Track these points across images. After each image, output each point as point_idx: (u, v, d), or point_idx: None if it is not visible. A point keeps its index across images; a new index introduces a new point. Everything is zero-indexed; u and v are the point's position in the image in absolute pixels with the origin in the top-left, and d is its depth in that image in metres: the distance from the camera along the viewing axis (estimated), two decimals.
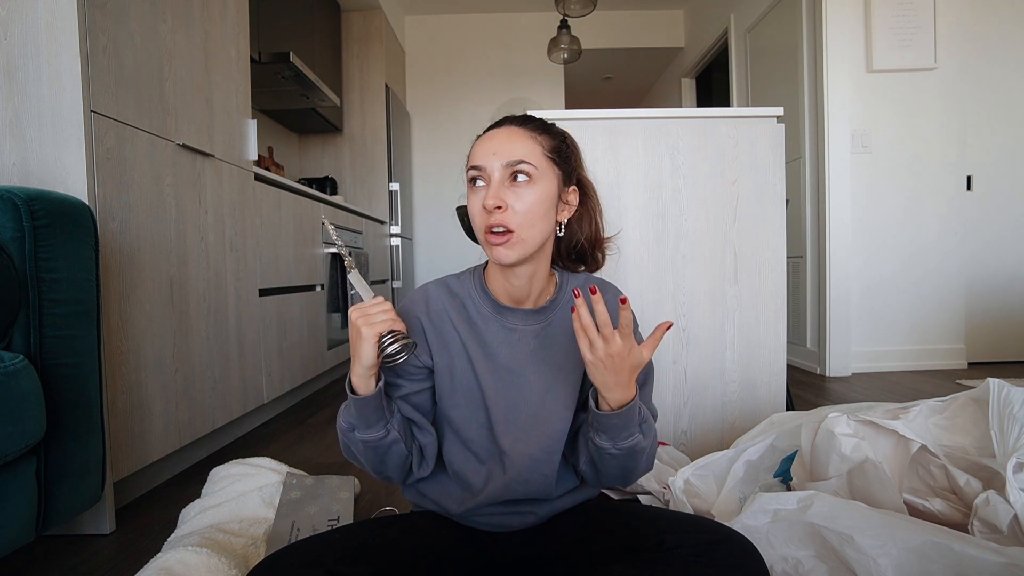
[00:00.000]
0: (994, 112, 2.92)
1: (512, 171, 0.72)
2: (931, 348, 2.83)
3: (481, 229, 0.72)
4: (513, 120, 0.78)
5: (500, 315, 0.79)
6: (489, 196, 0.70)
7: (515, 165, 0.72)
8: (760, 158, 1.46)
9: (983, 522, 0.75)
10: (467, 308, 0.79)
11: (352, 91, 3.77)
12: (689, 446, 1.48)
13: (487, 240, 0.72)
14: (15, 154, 1.13)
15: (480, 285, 0.81)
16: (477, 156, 0.74)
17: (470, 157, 0.76)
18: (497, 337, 0.78)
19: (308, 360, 2.36)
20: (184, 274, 1.49)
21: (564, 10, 3.36)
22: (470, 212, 0.74)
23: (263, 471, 1.25)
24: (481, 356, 0.77)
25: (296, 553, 0.66)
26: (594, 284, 0.84)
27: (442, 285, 0.81)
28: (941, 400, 0.97)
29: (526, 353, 0.77)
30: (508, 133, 0.75)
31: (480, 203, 0.72)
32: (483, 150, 0.74)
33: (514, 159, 0.72)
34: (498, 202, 0.70)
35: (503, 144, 0.73)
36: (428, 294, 0.80)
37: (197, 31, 1.60)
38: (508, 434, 0.76)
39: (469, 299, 0.80)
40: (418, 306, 0.79)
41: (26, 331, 0.91)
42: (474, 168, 0.74)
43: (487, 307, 0.79)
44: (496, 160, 0.72)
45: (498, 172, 0.72)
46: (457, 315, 0.78)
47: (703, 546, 0.64)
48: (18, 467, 0.85)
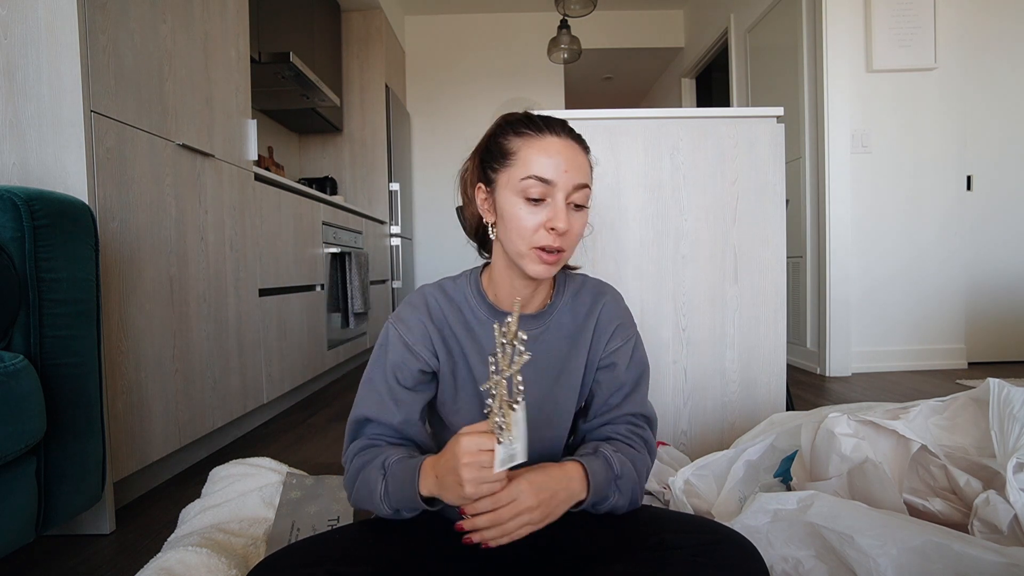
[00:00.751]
0: (994, 112, 2.92)
1: (576, 194, 0.70)
2: (931, 348, 2.83)
3: (531, 244, 0.70)
4: (568, 130, 0.74)
5: (497, 320, 0.77)
6: (561, 219, 0.68)
7: (580, 188, 0.70)
8: (760, 158, 1.46)
9: (983, 522, 0.75)
10: (464, 313, 0.78)
11: (352, 91, 3.77)
12: (689, 446, 1.48)
13: (536, 257, 0.70)
14: (15, 154, 1.13)
15: (477, 290, 0.79)
16: (544, 167, 0.69)
17: (524, 161, 0.70)
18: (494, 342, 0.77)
19: (308, 360, 2.36)
20: (184, 274, 1.49)
21: (564, 10, 3.36)
22: (518, 223, 0.70)
23: (263, 471, 1.25)
24: (480, 362, 0.76)
25: (296, 553, 0.66)
26: (592, 289, 0.84)
27: (438, 289, 0.80)
28: (941, 400, 0.97)
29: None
30: (572, 149, 0.71)
31: (539, 221, 0.69)
32: (551, 163, 0.69)
33: (581, 181, 0.70)
34: (568, 227, 0.69)
35: (571, 161, 0.70)
36: (426, 298, 0.78)
37: (197, 31, 1.60)
38: None
39: (466, 304, 0.78)
40: (419, 310, 0.77)
41: (26, 331, 0.91)
42: (538, 179, 0.69)
43: (484, 312, 0.78)
44: (567, 179, 0.69)
45: (564, 192, 0.69)
46: (455, 320, 0.77)
47: (703, 546, 0.64)
48: (18, 467, 0.85)
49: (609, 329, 0.80)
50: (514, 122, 0.74)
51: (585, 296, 0.82)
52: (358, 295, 2.74)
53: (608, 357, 0.80)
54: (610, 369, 0.80)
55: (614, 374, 0.80)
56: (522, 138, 0.72)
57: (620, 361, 0.80)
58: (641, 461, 0.76)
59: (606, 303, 0.82)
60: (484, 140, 0.78)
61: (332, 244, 2.66)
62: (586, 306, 0.81)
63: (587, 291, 0.83)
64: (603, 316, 0.81)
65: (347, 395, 2.53)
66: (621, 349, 0.80)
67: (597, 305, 0.81)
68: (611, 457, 0.71)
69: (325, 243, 2.57)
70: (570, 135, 0.73)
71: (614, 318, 0.81)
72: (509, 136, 0.73)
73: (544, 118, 0.74)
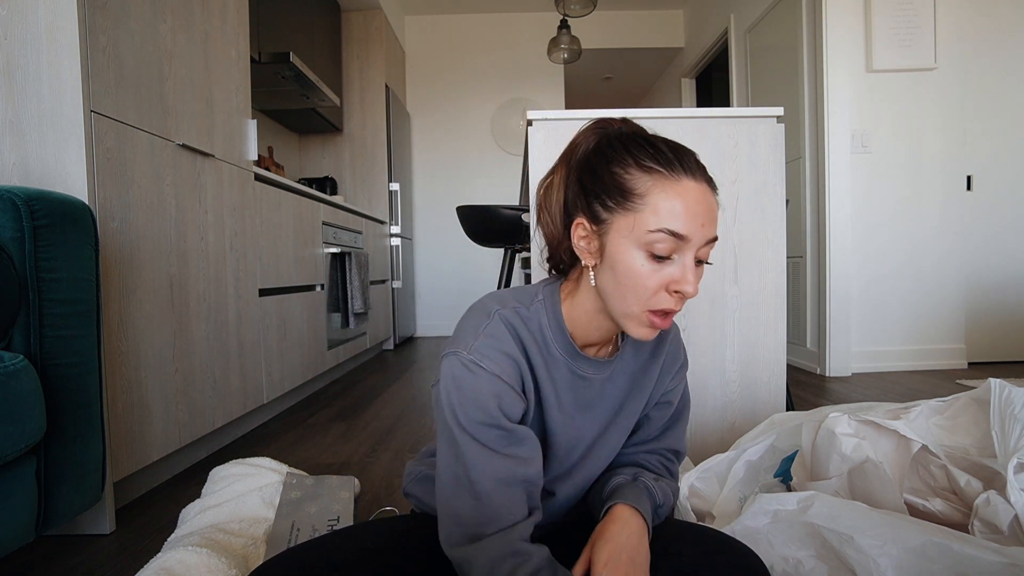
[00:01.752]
0: (994, 112, 2.92)
1: (706, 248, 0.60)
2: (931, 348, 2.83)
3: (647, 307, 0.60)
4: (702, 169, 0.61)
5: (573, 360, 0.69)
6: (690, 282, 0.58)
7: (710, 243, 0.60)
8: (760, 158, 1.46)
9: (984, 522, 0.75)
10: (540, 346, 0.67)
11: (352, 91, 3.77)
12: (689, 446, 1.48)
13: (649, 321, 0.61)
14: (15, 154, 1.13)
15: (557, 323, 0.68)
16: (681, 220, 0.57)
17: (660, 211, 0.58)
18: (565, 382, 0.69)
19: (308, 360, 2.36)
20: (184, 274, 1.49)
21: (564, 10, 3.36)
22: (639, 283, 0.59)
23: (263, 471, 1.25)
24: (554, 404, 0.69)
25: (294, 559, 0.65)
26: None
27: (516, 317, 0.66)
28: (942, 400, 0.97)
29: (590, 399, 0.72)
30: (709, 196, 0.60)
31: (663, 281, 0.59)
32: (691, 215, 0.58)
33: (712, 236, 0.60)
34: (696, 291, 0.59)
35: (709, 213, 0.59)
36: (508, 327, 0.65)
37: (197, 31, 1.60)
38: (553, 474, 0.74)
39: (541, 336, 0.67)
40: (505, 342, 0.63)
41: (26, 331, 0.91)
42: (673, 235, 0.57)
43: (561, 349, 0.68)
44: (703, 234, 0.59)
45: (695, 248, 0.59)
46: (535, 354, 0.67)
47: (705, 556, 0.64)
48: (18, 467, 0.85)
49: (674, 368, 0.78)
50: (636, 149, 0.61)
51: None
52: (358, 295, 2.74)
53: (666, 396, 0.78)
54: (665, 407, 0.79)
55: (666, 411, 0.79)
56: (651, 176, 0.59)
57: (674, 400, 0.79)
58: (674, 487, 0.76)
59: (671, 341, 0.78)
60: (585, 157, 0.65)
61: (332, 244, 2.66)
62: (650, 344, 0.75)
63: None
64: (668, 357, 0.77)
65: (347, 395, 2.53)
66: (679, 387, 0.79)
67: (663, 344, 0.76)
68: (653, 489, 0.70)
69: (325, 243, 2.57)
70: (704, 175, 0.61)
71: (677, 358, 0.79)
72: (631, 169, 0.60)
73: (674, 149, 0.61)
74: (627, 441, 0.79)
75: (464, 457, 0.60)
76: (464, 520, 0.60)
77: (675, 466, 0.80)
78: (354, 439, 1.83)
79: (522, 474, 0.61)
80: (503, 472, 0.60)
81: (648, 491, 0.69)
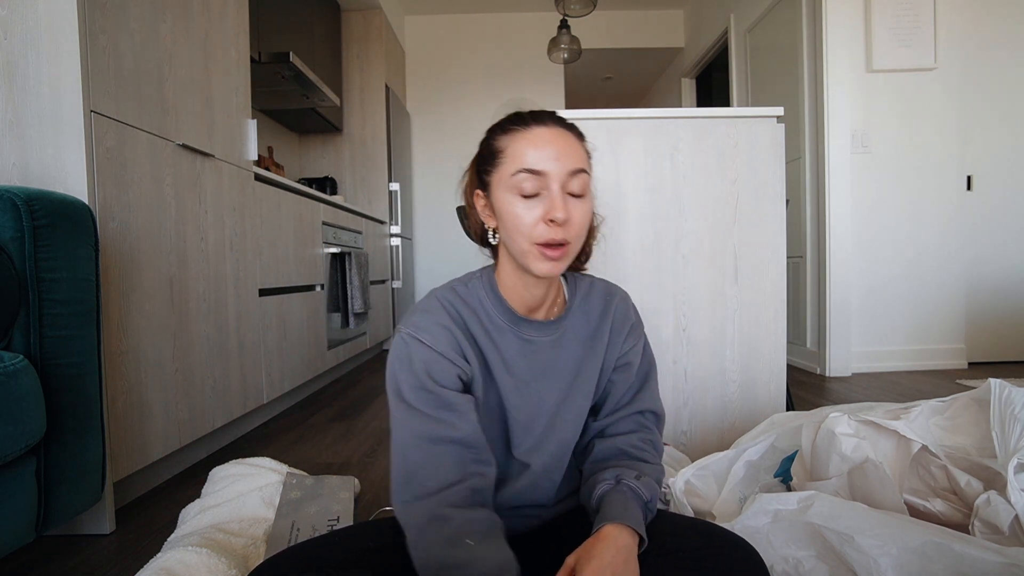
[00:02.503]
0: (994, 112, 2.92)
1: (572, 181, 0.67)
2: (931, 348, 2.83)
3: (532, 240, 0.66)
4: (556, 119, 0.70)
5: (516, 326, 0.74)
6: (559, 209, 0.65)
7: (576, 174, 0.67)
8: (760, 158, 1.46)
9: (984, 523, 0.75)
10: (480, 318, 0.73)
11: (352, 91, 3.77)
12: (689, 446, 1.48)
13: (540, 253, 0.66)
14: (15, 154, 1.13)
15: (493, 293, 0.75)
16: (531, 158, 0.66)
17: (513, 156, 0.68)
18: (512, 348, 0.74)
19: (308, 360, 2.36)
20: (184, 274, 1.49)
21: (564, 10, 3.35)
22: (516, 220, 0.67)
23: (263, 471, 1.25)
24: (503, 370, 0.73)
25: (294, 558, 0.65)
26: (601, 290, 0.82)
27: (452, 292, 0.74)
28: (942, 400, 0.97)
29: (542, 364, 0.75)
30: (562, 136, 0.68)
31: (537, 214, 0.66)
32: (542, 154, 0.66)
33: (576, 167, 0.67)
34: (567, 215, 0.65)
35: (563, 148, 0.67)
36: (441, 302, 0.72)
37: (197, 31, 1.60)
38: (523, 445, 0.75)
39: (482, 308, 0.74)
40: (435, 314, 0.70)
41: (26, 331, 0.91)
42: (530, 172, 0.66)
43: (502, 317, 0.74)
44: (560, 167, 0.66)
45: (559, 181, 0.66)
46: (474, 324, 0.72)
47: (704, 550, 0.64)
48: (18, 467, 0.85)
49: (624, 330, 0.79)
50: (502, 122, 0.72)
51: (596, 298, 0.81)
52: (358, 295, 2.73)
53: (623, 357, 0.79)
54: (625, 369, 0.79)
55: (627, 373, 0.79)
56: (509, 135, 0.70)
57: (634, 360, 0.79)
58: (658, 472, 0.75)
59: (618, 304, 0.81)
60: (479, 148, 0.76)
61: (332, 244, 2.66)
62: (598, 308, 0.79)
63: (597, 292, 0.81)
64: (617, 317, 0.79)
65: (347, 395, 2.53)
66: (635, 348, 0.80)
67: (610, 306, 0.80)
68: (639, 488, 0.69)
69: (325, 243, 2.57)
70: (559, 123, 0.70)
71: (627, 318, 0.80)
72: (497, 136, 0.71)
73: (533, 112, 0.71)
74: (602, 411, 0.80)
75: (398, 421, 0.67)
76: (399, 483, 0.65)
77: (653, 433, 0.79)
78: (354, 439, 1.83)
79: (448, 435, 0.65)
80: (431, 434, 0.65)
81: (633, 492, 0.68)
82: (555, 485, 0.77)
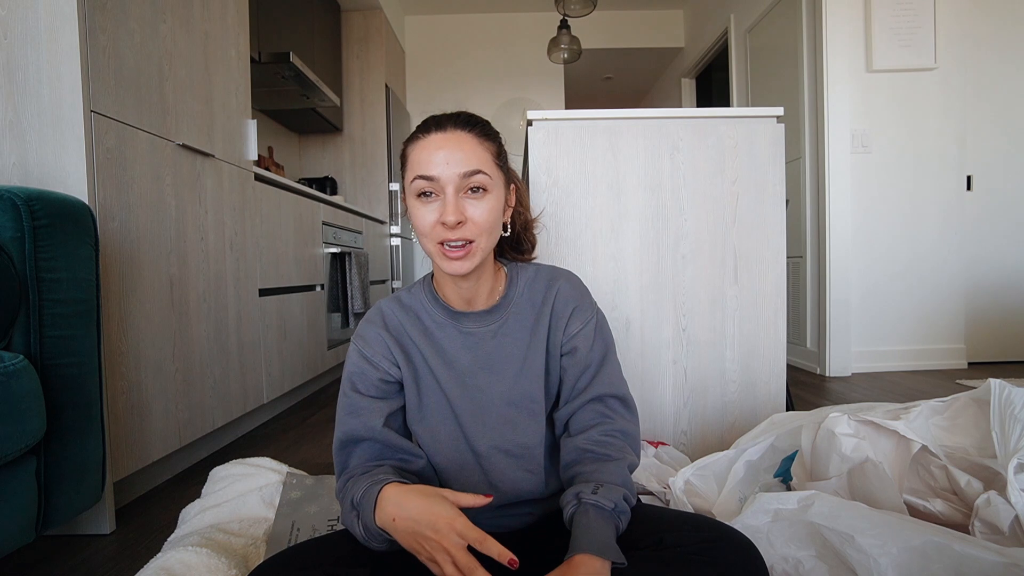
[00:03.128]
0: (994, 112, 2.92)
1: (468, 182, 0.69)
2: (931, 348, 2.83)
3: (434, 242, 0.70)
4: (457, 122, 0.72)
5: (455, 321, 0.78)
6: (449, 212, 0.67)
7: (472, 176, 0.68)
8: (760, 158, 1.46)
9: (984, 523, 0.75)
10: (421, 319, 0.79)
11: (352, 91, 3.77)
12: (689, 446, 1.48)
13: (443, 253, 0.69)
14: (15, 154, 1.13)
15: (431, 294, 0.80)
16: (424, 164, 0.69)
17: (412, 164, 0.71)
18: (455, 343, 0.77)
19: (308, 360, 2.36)
20: (184, 274, 1.49)
21: (564, 10, 3.36)
22: (418, 224, 0.71)
23: (263, 471, 1.25)
24: (442, 365, 0.77)
25: (294, 556, 0.66)
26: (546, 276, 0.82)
27: (394, 301, 0.81)
28: (942, 400, 0.97)
29: (486, 355, 0.77)
30: (457, 139, 0.70)
31: (434, 218, 0.69)
32: (433, 159, 0.69)
33: (470, 168, 0.68)
34: (459, 217, 0.67)
35: (454, 152, 0.69)
36: (382, 311, 0.79)
37: (197, 31, 1.60)
38: (481, 439, 0.76)
39: (423, 309, 0.79)
40: (375, 323, 0.78)
41: (26, 331, 0.91)
42: (423, 178, 0.69)
43: (441, 315, 0.78)
44: (450, 170, 0.68)
45: (453, 184, 0.68)
46: (413, 327, 0.78)
47: (702, 544, 0.64)
48: (18, 467, 0.85)
49: (566, 313, 0.79)
50: (414, 131, 0.74)
51: (539, 284, 0.81)
52: (358, 295, 2.73)
53: (570, 342, 0.78)
54: (573, 354, 0.78)
55: (577, 358, 0.78)
56: (412, 143, 0.73)
57: (582, 344, 0.78)
58: (620, 467, 0.71)
59: (560, 287, 0.80)
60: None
61: (332, 244, 2.66)
62: (540, 293, 0.80)
63: (540, 278, 0.82)
64: (558, 301, 0.79)
65: None
66: (582, 332, 0.79)
67: (551, 291, 0.80)
68: (599, 502, 0.65)
69: (325, 243, 2.57)
70: (461, 126, 0.71)
71: (569, 301, 0.80)
72: (406, 145, 0.74)
73: (437, 117, 0.73)
74: (560, 399, 0.80)
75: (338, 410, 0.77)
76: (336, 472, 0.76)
77: (619, 419, 0.76)
78: None
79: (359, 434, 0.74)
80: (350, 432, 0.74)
81: (596, 508, 0.65)
82: (535, 477, 0.77)
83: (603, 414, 0.77)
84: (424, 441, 0.78)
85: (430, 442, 0.78)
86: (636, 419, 0.80)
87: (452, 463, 0.77)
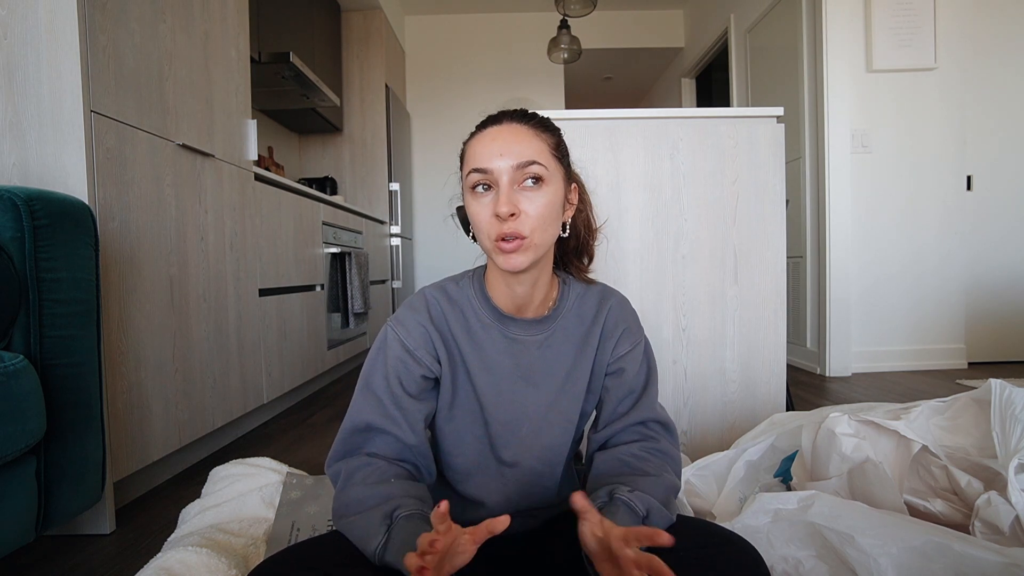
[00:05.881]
0: (994, 112, 2.92)
1: (523, 174, 0.67)
2: (931, 348, 2.83)
3: (490, 237, 0.67)
4: (514, 116, 0.71)
5: (502, 324, 0.74)
6: (502, 203, 0.65)
7: (526, 167, 0.66)
8: (760, 158, 1.46)
9: (984, 523, 0.75)
10: (466, 316, 0.74)
11: (352, 91, 3.77)
12: (689, 446, 1.48)
13: (498, 248, 0.67)
14: (15, 154, 1.13)
15: (481, 291, 0.76)
16: (479, 158, 0.68)
17: (468, 158, 0.70)
18: (498, 347, 0.74)
19: (308, 360, 2.36)
20: (184, 274, 1.49)
21: (564, 10, 3.35)
22: (475, 219, 0.69)
23: (263, 471, 1.25)
24: (481, 368, 0.74)
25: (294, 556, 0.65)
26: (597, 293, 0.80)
27: (440, 291, 0.76)
28: (942, 401, 0.97)
29: (528, 365, 0.74)
30: (512, 131, 0.69)
31: (489, 211, 0.67)
32: (487, 151, 0.67)
33: (524, 160, 0.66)
34: (512, 209, 0.65)
35: (510, 144, 0.67)
36: (427, 300, 0.75)
37: (197, 31, 1.60)
38: (508, 448, 0.74)
39: (469, 306, 0.75)
40: (419, 313, 0.73)
41: (26, 331, 0.91)
42: (477, 171, 0.67)
43: (488, 315, 0.74)
44: (504, 162, 0.66)
45: (507, 175, 0.66)
46: (456, 323, 0.74)
47: (703, 549, 0.64)
48: (18, 467, 0.85)
49: (616, 333, 0.77)
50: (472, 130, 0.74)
51: (590, 300, 0.79)
52: (358, 295, 2.73)
53: (616, 363, 0.77)
54: (618, 375, 0.77)
55: (622, 380, 0.77)
56: (471, 139, 0.72)
57: (629, 367, 0.77)
58: (661, 484, 0.69)
59: (612, 307, 0.79)
60: None
61: (332, 244, 2.65)
62: (591, 310, 0.78)
63: (592, 295, 0.80)
64: (609, 320, 0.78)
65: (347, 395, 2.53)
66: (630, 354, 0.77)
67: (603, 309, 0.78)
68: (632, 501, 0.64)
69: (325, 243, 2.57)
70: (518, 119, 0.70)
71: (620, 322, 0.78)
72: (466, 141, 0.73)
73: (495, 113, 0.72)
74: (600, 421, 0.78)
75: (357, 403, 0.71)
76: (339, 449, 0.71)
77: (662, 442, 0.75)
78: None
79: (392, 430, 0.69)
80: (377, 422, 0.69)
81: (627, 506, 0.64)
82: (550, 490, 0.76)
83: (645, 435, 0.76)
84: (447, 440, 0.76)
85: (454, 442, 0.75)
86: (678, 444, 0.78)
87: (472, 465, 0.76)
